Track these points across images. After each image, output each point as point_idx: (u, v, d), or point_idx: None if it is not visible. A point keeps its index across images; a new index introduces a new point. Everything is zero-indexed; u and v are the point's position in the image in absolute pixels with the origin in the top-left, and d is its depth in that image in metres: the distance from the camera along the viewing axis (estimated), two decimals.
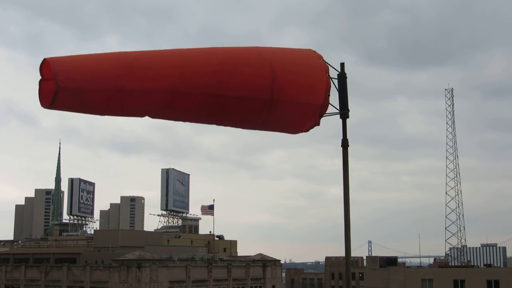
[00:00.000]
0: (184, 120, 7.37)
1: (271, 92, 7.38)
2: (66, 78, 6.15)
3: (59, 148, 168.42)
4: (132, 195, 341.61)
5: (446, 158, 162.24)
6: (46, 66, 6.36)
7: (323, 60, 7.98)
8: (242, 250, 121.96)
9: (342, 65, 8.22)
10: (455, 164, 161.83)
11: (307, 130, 8.12)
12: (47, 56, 6.42)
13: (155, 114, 7.06)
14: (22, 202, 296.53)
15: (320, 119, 7.99)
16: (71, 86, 6.18)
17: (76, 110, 6.61)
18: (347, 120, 8.21)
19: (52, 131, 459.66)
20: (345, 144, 8.15)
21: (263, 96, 7.35)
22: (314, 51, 8.05)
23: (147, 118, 7.11)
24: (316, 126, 8.07)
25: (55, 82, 6.10)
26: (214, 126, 7.81)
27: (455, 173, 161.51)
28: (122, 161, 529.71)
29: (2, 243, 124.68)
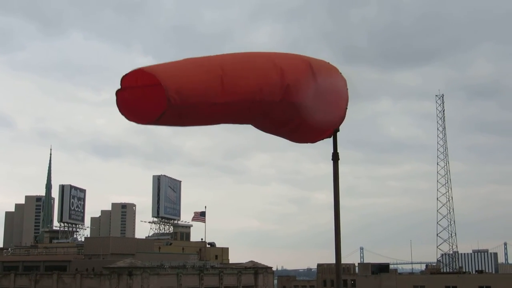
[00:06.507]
0: (239, 123, 7.22)
1: (313, 99, 7.28)
2: (177, 94, 5.87)
3: (50, 154, 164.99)
4: (123, 201, 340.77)
5: (437, 164, 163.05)
6: (133, 75, 6.05)
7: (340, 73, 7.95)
8: (234, 257, 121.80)
9: None
10: (446, 170, 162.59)
11: (314, 141, 8.01)
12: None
13: (232, 121, 6.96)
14: (10, 209, 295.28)
15: (333, 131, 7.94)
16: (181, 103, 5.92)
17: (174, 125, 6.43)
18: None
19: (29, 134, 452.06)
20: (335, 158, 8.06)
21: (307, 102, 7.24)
22: (330, 64, 7.92)
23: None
24: (327, 139, 7.99)
25: (167, 98, 5.79)
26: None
27: (446, 179, 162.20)
28: (103, 165, 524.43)
29: None
